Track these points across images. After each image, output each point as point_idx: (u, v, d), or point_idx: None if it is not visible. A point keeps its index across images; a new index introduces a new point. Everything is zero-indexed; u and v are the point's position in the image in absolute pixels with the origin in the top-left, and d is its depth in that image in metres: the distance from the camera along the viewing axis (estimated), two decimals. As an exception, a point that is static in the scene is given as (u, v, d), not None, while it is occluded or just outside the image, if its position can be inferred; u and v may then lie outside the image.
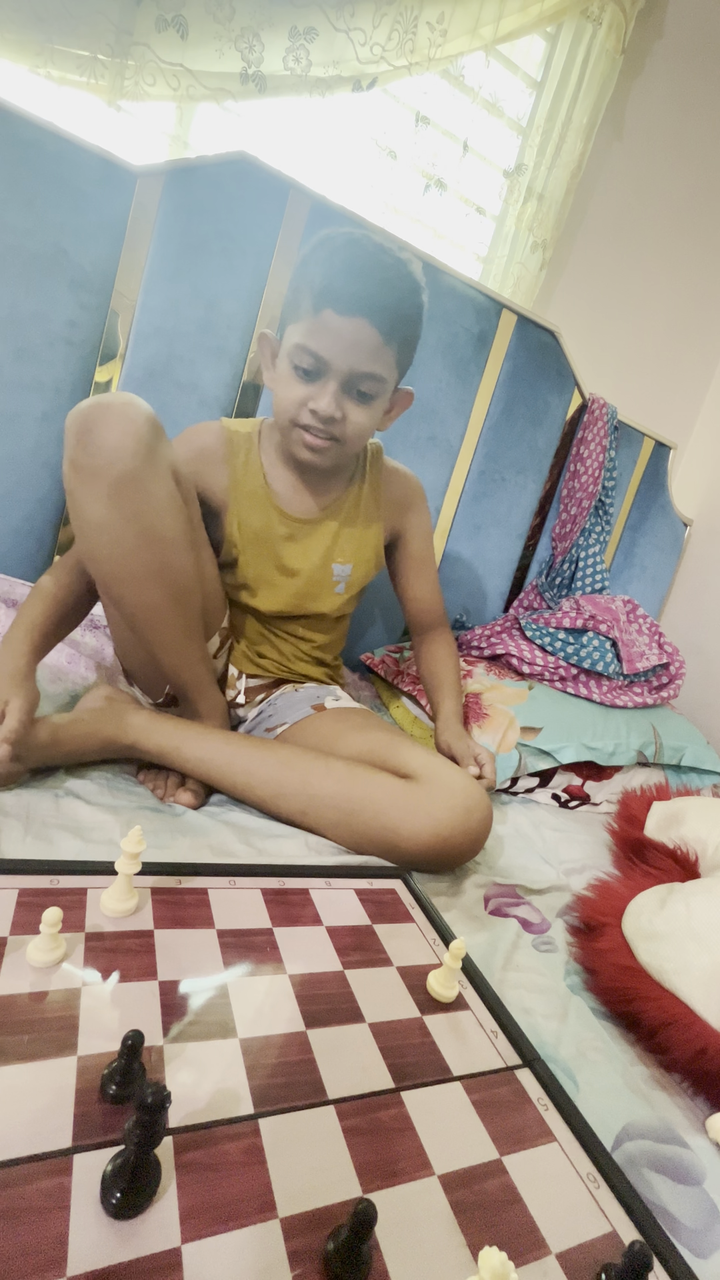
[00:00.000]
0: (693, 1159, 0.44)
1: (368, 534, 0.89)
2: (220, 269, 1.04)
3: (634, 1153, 0.43)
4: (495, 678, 1.13)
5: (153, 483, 0.62)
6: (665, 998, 0.55)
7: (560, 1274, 0.32)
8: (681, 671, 1.29)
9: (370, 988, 0.47)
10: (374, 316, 0.69)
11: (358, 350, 0.70)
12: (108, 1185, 0.28)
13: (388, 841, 0.64)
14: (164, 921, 0.46)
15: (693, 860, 0.82)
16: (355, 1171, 0.34)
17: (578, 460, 1.41)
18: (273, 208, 1.05)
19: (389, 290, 0.70)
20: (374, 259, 0.70)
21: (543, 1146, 0.39)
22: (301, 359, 0.72)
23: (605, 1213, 0.36)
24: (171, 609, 0.67)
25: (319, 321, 0.69)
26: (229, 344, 1.07)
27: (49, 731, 0.63)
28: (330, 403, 0.72)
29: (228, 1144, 0.33)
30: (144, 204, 0.97)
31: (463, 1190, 0.34)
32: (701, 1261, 0.37)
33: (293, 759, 0.69)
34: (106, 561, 0.63)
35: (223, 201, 1.01)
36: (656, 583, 1.73)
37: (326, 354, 0.70)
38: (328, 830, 0.66)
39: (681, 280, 1.63)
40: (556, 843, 0.87)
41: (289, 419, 0.75)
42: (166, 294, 1.01)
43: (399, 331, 0.72)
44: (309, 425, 0.74)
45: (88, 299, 0.98)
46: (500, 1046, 0.45)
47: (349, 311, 0.68)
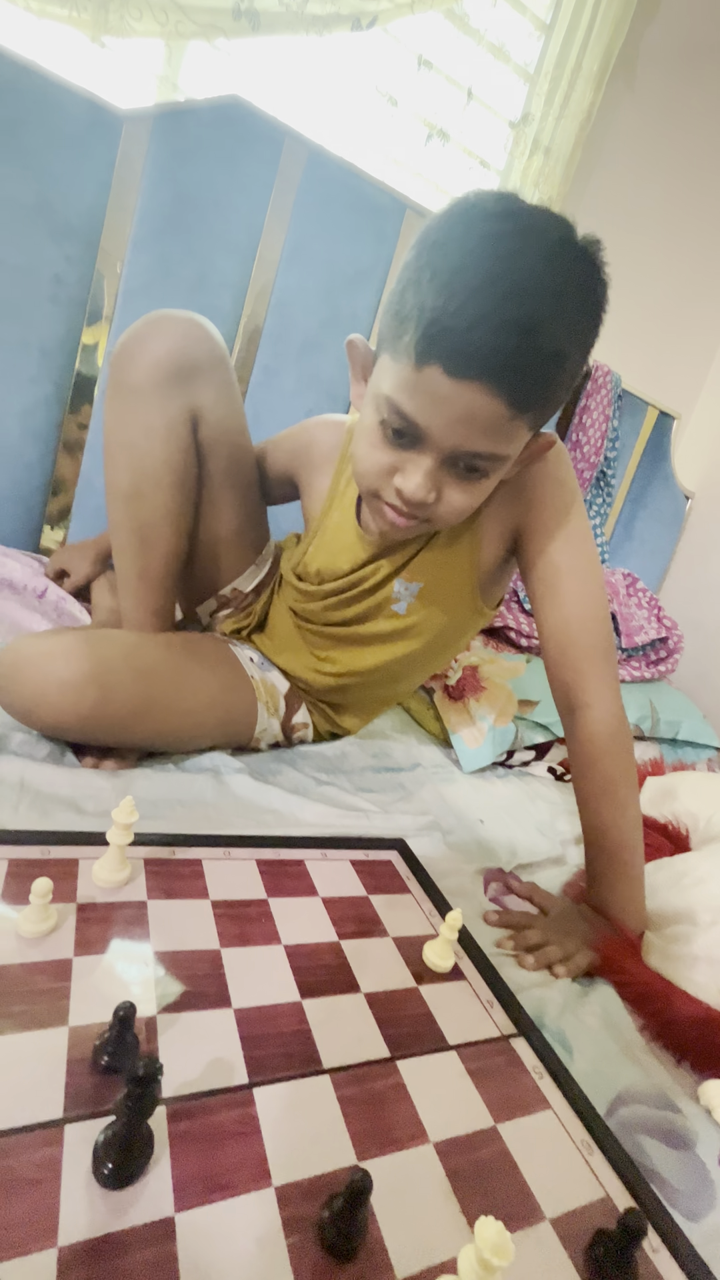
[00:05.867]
0: (685, 1124, 0.44)
1: (457, 545, 0.68)
2: (212, 223, 0.99)
3: (628, 1118, 0.43)
4: (493, 651, 1.12)
5: (153, 411, 0.63)
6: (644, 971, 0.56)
7: (554, 1240, 0.32)
8: (679, 646, 1.28)
9: (366, 958, 0.47)
10: (500, 382, 0.47)
11: (470, 425, 0.50)
12: (99, 1156, 0.28)
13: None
14: (157, 892, 0.46)
15: (684, 835, 0.82)
16: (351, 1140, 0.33)
17: (580, 430, 1.38)
18: (267, 157, 1.00)
19: (533, 342, 0.46)
20: (519, 285, 0.45)
21: (537, 1114, 0.39)
22: (391, 417, 0.52)
23: (599, 1178, 0.36)
24: (133, 541, 0.67)
25: (421, 378, 0.48)
26: (222, 303, 1.03)
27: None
28: (423, 484, 0.54)
29: (222, 1113, 0.32)
30: (131, 151, 0.92)
31: (458, 1158, 0.34)
32: (693, 1224, 0.37)
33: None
34: (104, 462, 0.67)
35: (214, 149, 0.96)
36: (656, 556, 1.72)
37: (425, 423, 0.51)
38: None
39: (692, 243, 1.58)
40: (553, 815, 0.87)
41: (368, 488, 0.58)
42: (156, 249, 0.97)
43: (540, 393, 0.49)
44: (392, 503, 0.57)
45: (74, 252, 0.94)
46: (496, 1016, 0.45)
47: (464, 374, 0.47)
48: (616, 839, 0.61)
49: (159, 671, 0.64)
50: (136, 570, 0.69)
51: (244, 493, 0.76)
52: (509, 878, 0.68)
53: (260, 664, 0.78)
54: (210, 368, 0.66)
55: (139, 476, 0.65)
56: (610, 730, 0.62)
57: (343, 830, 0.65)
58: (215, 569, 0.79)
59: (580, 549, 0.65)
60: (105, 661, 0.59)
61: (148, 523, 0.67)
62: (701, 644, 1.60)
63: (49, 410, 0.99)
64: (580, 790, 0.64)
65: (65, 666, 0.57)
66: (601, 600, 0.65)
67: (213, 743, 0.71)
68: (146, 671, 0.63)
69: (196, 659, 0.70)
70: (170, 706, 0.64)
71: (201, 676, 0.68)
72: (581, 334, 0.50)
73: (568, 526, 0.65)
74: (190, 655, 0.70)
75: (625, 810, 0.62)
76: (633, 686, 1.19)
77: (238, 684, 0.72)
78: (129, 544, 0.68)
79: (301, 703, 0.80)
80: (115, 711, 0.59)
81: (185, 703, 0.65)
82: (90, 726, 0.59)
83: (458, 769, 0.93)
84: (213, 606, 0.82)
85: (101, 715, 0.59)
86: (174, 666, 0.66)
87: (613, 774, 0.62)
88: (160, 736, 0.65)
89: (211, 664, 0.71)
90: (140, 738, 0.64)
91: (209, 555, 0.77)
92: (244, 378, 1.08)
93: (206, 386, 0.66)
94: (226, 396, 0.69)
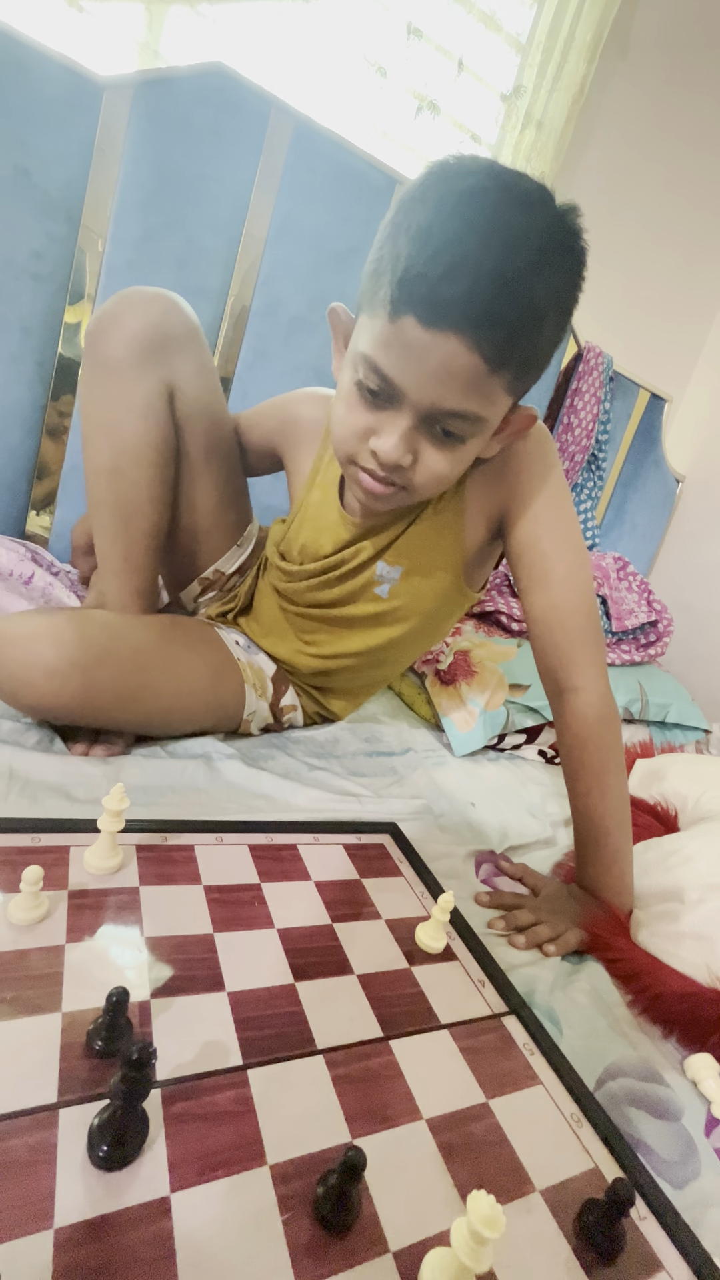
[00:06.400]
0: (671, 1096, 0.45)
1: (440, 528, 0.68)
2: (197, 197, 0.96)
3: (616, 1091, 0.44)
4: (484, 635, 1.12)
5: (130, 386, 0.63)
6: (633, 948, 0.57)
7: (545, 1210, 0.33)
8: (669, 629, 1.29)
9: (359, 940, 0.47)
10: (477, 334, 0.46)
11: (446, 381, 0.49)
12: (94, 1139, 0.28)
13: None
14: (149, 878, 0.46)
15: (673, 816, 0.83)
16: (344, 1118, 0.34)
17: (571, 412, 1.37)
18: (253, 128, 0.97)
19: (511, 292, 0.45)
20: (497, 234, 0.44)
21: (528, 1089, 0.39)
22: (367, 376, 0.51)
23: (588, 1150, 0.37)
24: (115, 520, 0.67)
25: (396, 330, 0.48)
26: (209, 281, 1.01)
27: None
28: (398, 446, 0.52)
29: (216, 1095, 0.33)
30: (112, 121, 0.89)
31: (450, 1133, 0.35)
32: (678, 1191, 0.38)
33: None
34: (83, 440, 0.67)
35: (198, 120, 0.93)
36: (647, 540, 1.72)
37: (400, 379, 0.50)
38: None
39: (685, 223, 1.56)
40: (543, 797, 0.88)
41: (344, 452, 0.57)
42: (139, 224, 0.94)
43: (517, 351, 0.48)
44: (369, 467, 0.56)
45: (54, 228, 0.91)
46: (487, 995, 0.46)
47: (439, 324, 0.46)
48: (605, 820, 0.62)
49: (144, 653, 0.63)
50: (119, 550, 0.69)
51: (224, 469, 0.75)
52: (500, 859, 0.69)
53: (246, 647, 0.78)
54: (185, 341, 0.66)
55: (119, 452, 0.65)
56: (598, 713, 0.62)
57: (335, 815, 0.65)
58: (197, 549, 0.78)
59: (566, 531, 0.65)
60: (90, 642, 0.59)
61: (129, 500, 0.67)
62: (691, 627, 1.61)
63: (31, 391, 0.97)
64: (569, 773, 0.65)
65: (49, 648, 0.56)
66: (588, 583, 0.65)
67: (202, 726, 0.71)
68: (132, 653, 0.62)
69: (181, 641, 0.69)
70: (157, 688, 0.63)
71: (187, 658, 0.68)
72: (559, 295, 0.49)
73: (553, 509, 0.64)
74: (175, 637, 0.69)
75: (613, 792, 0.62)
76: (623, 670, 1.19)
77: (224, 666, 0.72)
78: (110, 523, 0.68)
79: (289, 685, 0.80)
80: (100, 693, 0.59)
81: (171, 684, 0.65)
82: (75, 708, 0.59)
83: (449, 753, 0.93)
84: (196, 591, 0.82)
85: (86, 697, 0.58)
86: (159, 648, 0.66)
87: (601, 756, 0.62)
88: (147, 718, 0.65)
89: (197, 646, 0.71)
90: (127, 720, 0.63)
91: (190, 535, 0.77)
92: (231, 358, 1.07)
93: (182, 360, 0.66)
94: (202, 371, 0.68)
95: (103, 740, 0.63)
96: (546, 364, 0.53)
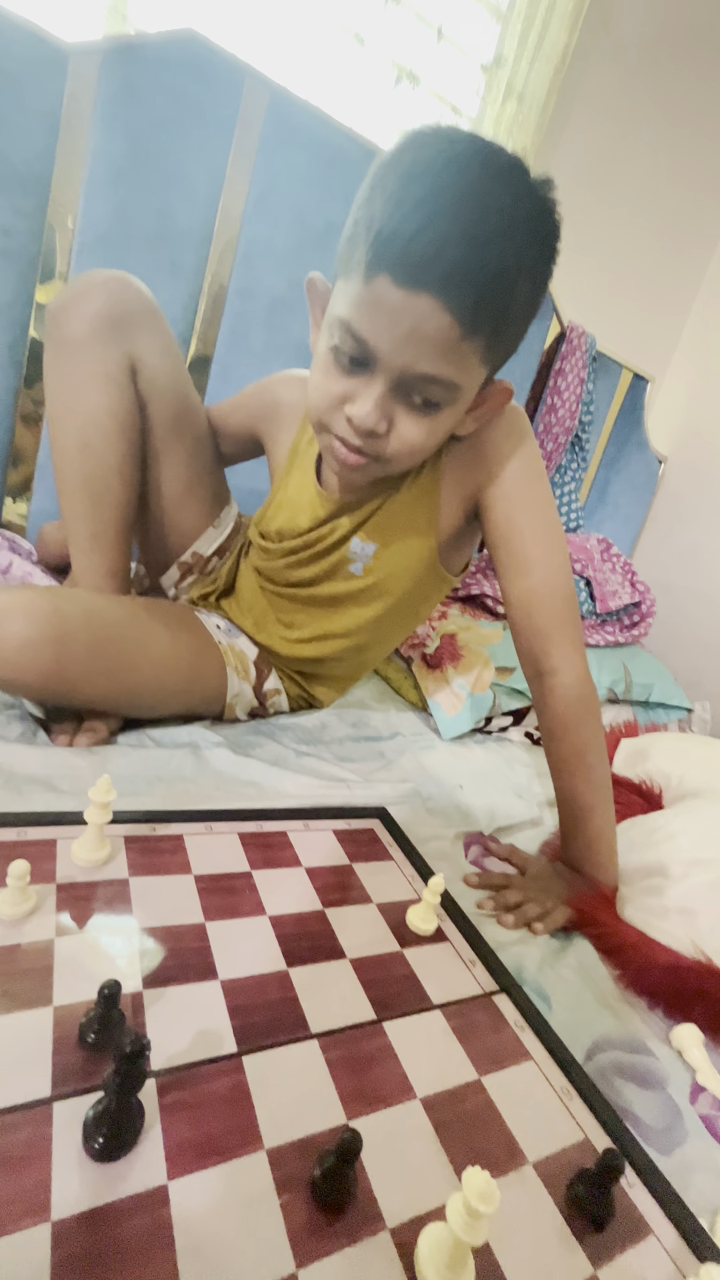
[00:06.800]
0: (658, 1066, 0.47)
1: (414, 504, 0.68)
2: (170, 170, 0.93)
3: (604, 1063, 0.45)
4: (470, 618, 1.12)
5: (94, 361, 0.63)
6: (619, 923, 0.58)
7: (537, 1181, 0.33)
8: (652, 610, 1.30)
9: (350, 925, 0.47)
10: (449, 294, 0.46)
11: (419, 343, 0.49)
12: (89, 1131, 0.28)
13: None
14: (139, 869, 0.45)
15: (657, 794, 0.84)
16: (340, 1100, 0.34)
17: (555, 393, 1.37)
18: (227, 99, 0.94)
19: (481, 252, 0.45)
20: (470, 194, 0.45)
21: (519, 1065, 0.40)
22: (343, 340, 0.51)
23: (578, 1121, 0.38)
24: (84, 498, 0.67)
25: (370, 291, 0.48)
26: (184, 258, 0.98)
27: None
28: (372, 412, 0.52)
29: (211, 1083, 0.33)
30: (79, 90, 0.86)
31: (444, 1110, 0.35)
32: (665, 1158, 0.40)
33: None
34: (49, 420, 0.67)
35: (170, 89, 0.90)
36: (630, 522, 1.73)
37: (374, 340, 0.49)
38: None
39: (667, 200, 1.55)
40: (529, 779, 0.88)
41: (318, 418, 0.57)
42: (110, 199, 0.91)
43: (490, 316, 0.48)
44: (342, 435, 0.56)
45: (22, 203, 0.88)
46: (478, 975, 0.47)
47: (412, 283, 0.46)
48: (588, 799, 0.63)
49: (119, 628, 0.63)
50: (89, 530, 0.68)
51: (192, 446, 0.75)
52: (488, 841, 0.69)
53: (227, 630, 0.77)
54: (146, 319, 0.66)
55: (86, 428, 0.65)
56: (578, 694, 0.63)
57: (324, 801, 0.65)
58: (172, 530, 0.78)
59: (542, 513, 0.65)
60: (62, 616, 0.58)
61: (97, 476, 0.66)
62: (673, 608, 1.63)
63: (4, 375, 0.94)
64: (551, 754, 0.65)
65: (21, 621, 0.56)
66: (565, 565, 0.65)
67: (183, 706, 0.71)
68: (106, 627, 0.61)
69: (158, 620, 0.69)
70: (133, 664, 0.63)
71: (164, 636, 0.67)
72: (532, 264, 0.49)
73: (527, 489, 0.65)
74: (151, 616, 0.68)
75: (595, 771, 0.63)
76: (607, 651, 1.20)
77: (203, 648, 0.72)
78: (79, 501, 0.67)
79: (271, 669, 0.80)
80: (75, 670, 0.58)
81: (148, 661, 0.65)
82: (48, 683, 0.58)
83: (437, 737, 0.94)
84: (176, 576, 0.81)
85: (60, 673, 0.58)
86: (135, 624, 0.65)
87: (582, 736, 0.63)
88: (124, 695, 0.64)
89: (174, 626, 0.70)
90: (103, 697, 0.62)
91: (163, 514, 0.76)
92: (210, 339, 1.04)
93: (144, 336, 0.66)
94: (164, 347, 0.69)
95: (86, 729, 0.62)
96: (519, 335, 0.54)
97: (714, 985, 0.52)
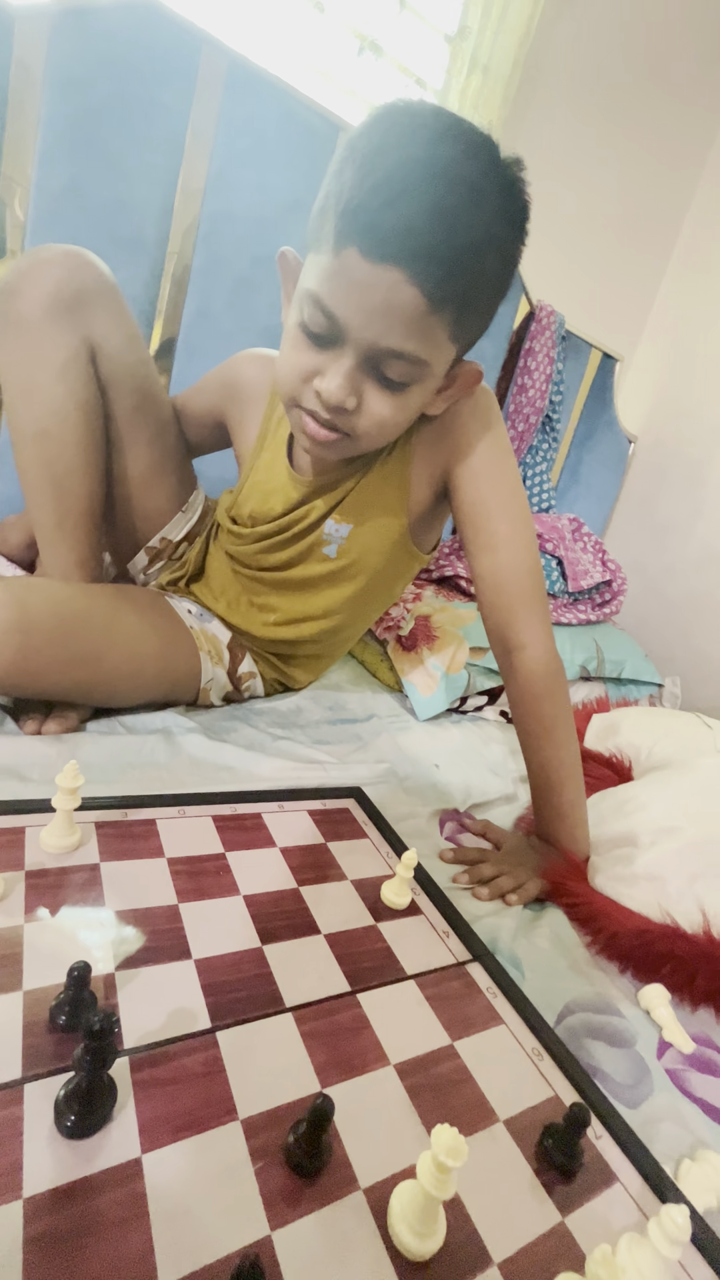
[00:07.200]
0: (626, 1025, 0.48)
1: (386, 484, 0.68)
2: (128, 141, 0.90)
3: (575, 1025, 0.47)
4: (444, 600, 1.12)
5: (48, 344, 0.61)
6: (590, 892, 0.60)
7: (508, 1138, 0.34)
8: (623, 588, 1.32)
9: (325, 901, 0.48)
10: (416, 266, 0.46)
11: (386, 317, 0.48)
12: (61, 1109, 0.28)
13: None
14: (110, 854, 0.45)
15: (627, 766, 0.86)
16: (314, 1070, 0.35)
17: (525, 373, 1.37)
18: (184, 68, 0.91)
19: (449, 225, 0.45)
20: (439, 167, 0.45)
21: (491, 1029, 0.41)
22: (312, 315, 0.51)
23: (548, 1080, 0.39)
24: (47, 487, 0.64)
25: (339, 263, 0.48)
26: (144, 233, 0.96)
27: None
28: (341, 386, 0.52)
29: (185, 1058, 0.33)
30: (27, 56, 0.82)
31: (417, 1075, 0.36)
32: (633, 1111, 0.41)
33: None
34: (4, 406, 0.65)
35: (124, 57, 0.87)
36: (601, 501, 1.75)
37: (342, 314, 0.49)
38: None
39: (634, 179, 1.54)
40: (504, 756, 0.90)
41: (288, 394, 0.57)
42: (65, 172, 0.88)
43: (457, 290, 0.48)
44: (312, 410, 0.56)
45: (-30, 175, 0.84)
46: (452, 945, 0.47)
47: (380, 256, 0.46)
48: (559, 773, 0.64)
49: (87, 618, 0.62)
50: (54, 519, 0.66)
51: (157, 429, 0.73)
52: (464, 817, 0.70)
53: (199, 615, 0.76)
54: (102, 297, 0.64)
55: (44, 414, 0.63)
56: (544, 668, 0.64)
57: (300, 783, 0.65)
58: (138, 516, 0.76)
59: (510, 490, 0.66)
60: (26, 606, 0.57)
61: (59, 463, 0.64)
62: (644, 586, 1.65)
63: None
64: (521, 729, 0.66)
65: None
66: (532, 542, 0.66)
67: (156, 695, 0.70)
68: (73, 617, 0.60)
69: (128, 607, 0.68)
70: (102, 654, 0.62)
71: (134, 624, 0.66)
72: (500, 240, 0.49)
73: (494, 466, 0.65)
74: (121, 603, 0.67)
75: (564, 745, 0.64)
76: (579, 629, 1.22)
77: (175, 634, 0.71)
78: (42, 490, 0.65)
79: (245, 652, 0.79)
80: (40, 659, 0.57)
81: (118, 650, 0.64)
82: (14, 676, 0.57)
83: (413, 718, 0.94)
84: (144, 562, 0.80)
85: (24, 665, 0.56)
86: (103, 613, 0.64)
87: (551, 711, 0.64)
88: (94, 686, 0.63)
89: (145, 613, 0.69)
90: (72, 688, 0.61)
91: (128, 500, 0.74)
92: (175, 319, 1.02)
93: (101, 316, 0.63)
94: (122, 326, 0.66)
95: (55, 717, 0.61)
96: (488, 314, 0.54)
97: (682, 948, 0.54)
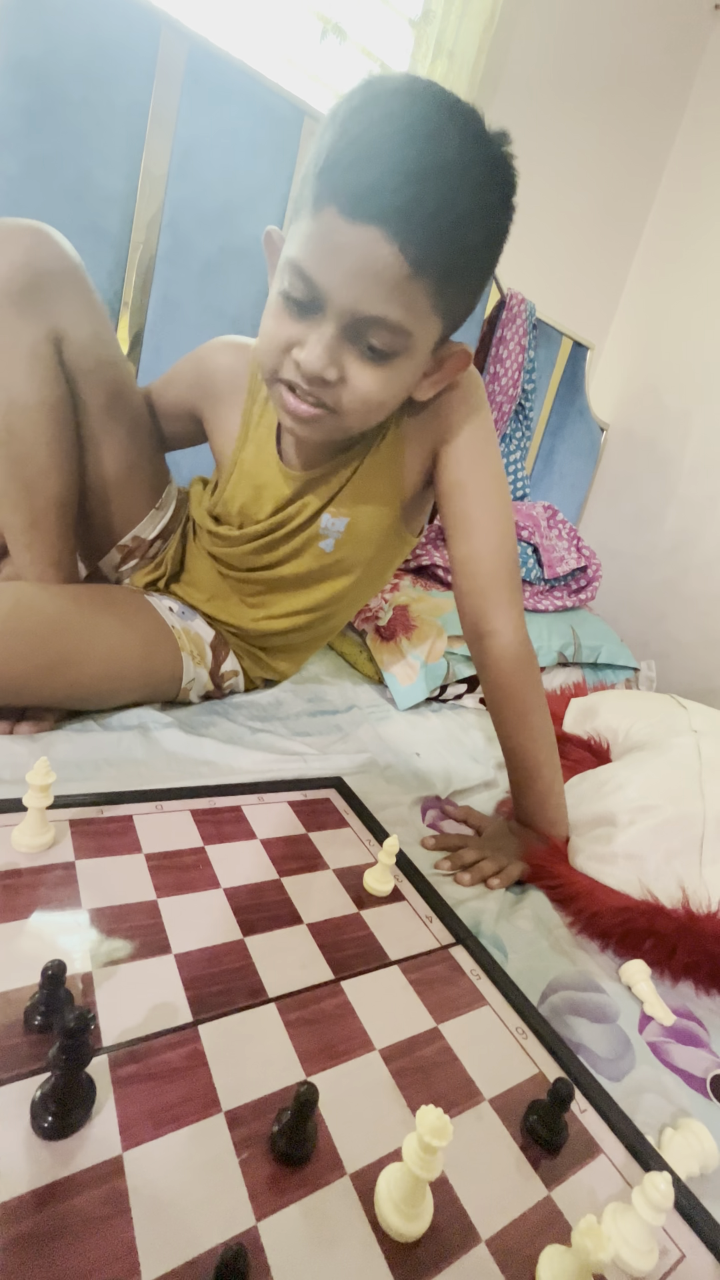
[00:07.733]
0: (608, 1001, 0.49)
1: (379, 471, 0.67)
2: (87, 127, 0.88)
3: (558, 1003, 0.47)
4: (422, 589, 1.12)
5: (9, 335, 0.57)
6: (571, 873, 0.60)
7: (494, 1116, 0.34)
8: (598, 574, 1.33)
9: (307, 891, 0.47)
10: (395, 226, 0.44)
11: (366, 279, 0.47)
12: (37, 1110, 0.27)
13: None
14: (86, 851, 0.44)
15: (605, 748, 0.87)
16: (299, 1059, 0.34)
17: (497, 361, 1.37)
18: (143, 49, 0.89)
19: (430, 184, 0.44)
20: (420, 126, 0.44)
21: (476, 1011, 0.41)
22: (292, 283, 0.49)
23: (532, 1058, 0.39)
24: (15, 486, 0.61)
25: (318, 224, 0.46)
26: (107, 222, 0.94)
27: None
28: (321, 355, 0.50)
29: (167, 1053, 0.33)
30: (-22, 34, 0.80)
31: (402, 1059, 0.36)
32: (615, 1084, 0.42)
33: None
34: None
35: (82, 39, 0.85)
36: (575, 489, 1.76)
37: (322, 278, 0.48)
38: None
39: (601, 166, 1.55)
40: (483, 743, 0.90)
41: (268, 368, 0.55)
42: (21, 157, 0.85)
43: (438, 254, 0.46)
44: (292, 382, 0.54)
45: None
46: (435, 930, 0.47)
47: (358, 214, 0.44)
48: (535, 756, 0.64)
49: (62, 621, 0.60)
50: (25, 519, 0.64)
51: (129, 424, 0.70)
52: (445, 804, 0.71)
53: (181, 613, 0.75)
54: (65, 279, 0.59)
55: (8, 411, 0.59)
56: (515, 654, 0.64)
57: (280, 775, 0.65)
58: (111, 514, 0.73)
59: (491, 477, 0.66)
60: (2, 612, 0.55)
61: (27, 461, 0.61)
62: (619, 572, 1.67)
63: None
64: (496, 716, 0.67)
65: None
66: (509, 529, 0.66)
67: (136, 697, 0.69)
68: (48, 621, 0.59)
69: (106, 608, 0.66)
70: (79, 659, 0.60)
71: (113, 626, 0.65)
72: (484, 212, 0.48)
73: (477, 451, 0.65)
74: (98, 605, 0.66)
75: (539, 729, 0.65)
76: (556, 616, 1.23)
77: (158, 635, 0.69)
78: (10, 490, 0.62)
79: (229, 650, 0.78)
80: (13, 666, 0.56)
81: (96, 654, 0.62)
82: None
83: (393, 707, 0.94)
84: (116, 560, 0.77)
85: (3, 671, 0.55)
86: (80, 616, 0.62)
87: (524, 696, 0.64)
88: (72, 691, 0.62)
89: (124, 613, 0.68)
90: (49, 695, 0.60)
91: (101, 498, 0.72)
92: (141, 308, 1.00)
93: (65, 302, 0.59)
94: (89, 313, 0.62)
95: (29, 718, 0.60)
96: (473, 290, 0.53)
97: (662, 923, 0.55)
